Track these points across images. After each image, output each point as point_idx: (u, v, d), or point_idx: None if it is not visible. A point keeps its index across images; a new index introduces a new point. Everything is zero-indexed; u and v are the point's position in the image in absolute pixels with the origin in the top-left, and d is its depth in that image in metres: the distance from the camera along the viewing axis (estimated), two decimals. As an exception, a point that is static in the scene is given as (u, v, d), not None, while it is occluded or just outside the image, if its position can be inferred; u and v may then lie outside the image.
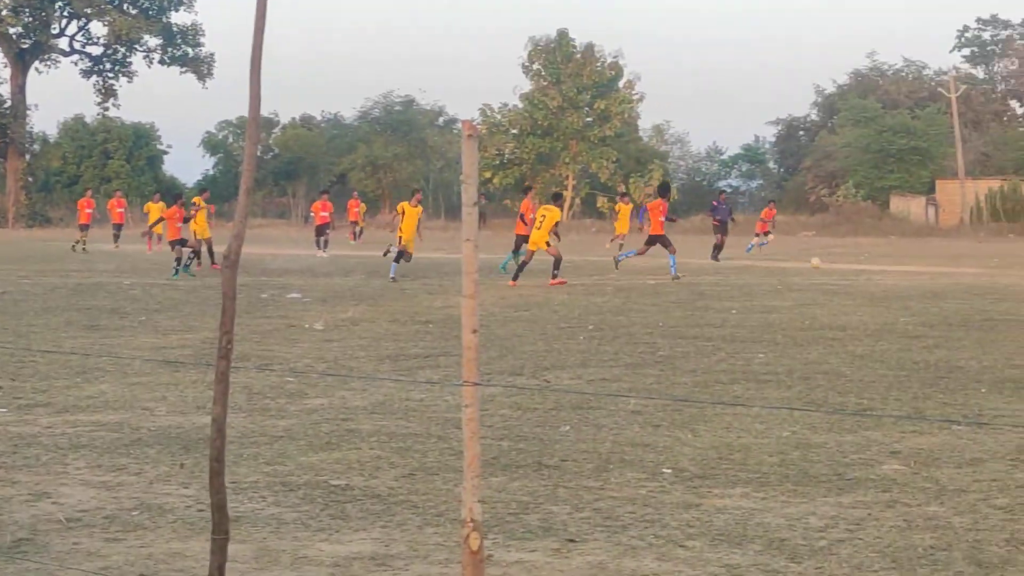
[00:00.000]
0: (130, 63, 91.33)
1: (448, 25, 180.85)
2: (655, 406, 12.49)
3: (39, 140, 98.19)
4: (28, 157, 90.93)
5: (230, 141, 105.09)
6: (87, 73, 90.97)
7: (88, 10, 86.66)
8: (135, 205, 69.38)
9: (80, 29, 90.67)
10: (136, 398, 12.88)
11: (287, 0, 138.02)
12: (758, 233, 51.81)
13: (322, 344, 17.91)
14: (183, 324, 20.63)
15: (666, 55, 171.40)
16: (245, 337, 17.83)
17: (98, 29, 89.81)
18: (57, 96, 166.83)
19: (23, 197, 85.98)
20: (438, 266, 34.43)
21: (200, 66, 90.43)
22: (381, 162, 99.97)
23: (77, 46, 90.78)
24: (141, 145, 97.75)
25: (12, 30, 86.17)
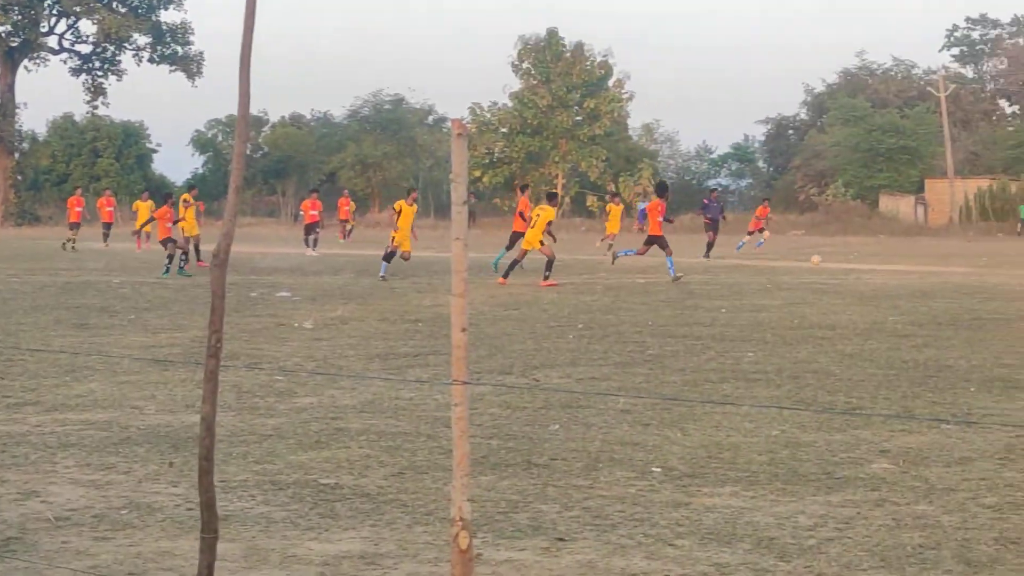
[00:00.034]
0: (119, 61, 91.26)
1: (438, 24, 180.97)
2: (644, 405, 12.49)
3: (28, 138, 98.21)
4: (17, 155, 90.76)
5: (219, 140, 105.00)
6: (76, 71, 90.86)
7: (77, 8, 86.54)
8: (124, 204, 69.31)
9: (69, 27, 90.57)
10: (125, 397, 12.87)
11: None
12: (751, 231, 51.60)
13: (311, 343, 17.90)
14: (172, 323, 20.61)
15: (656, 54, 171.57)
16: (234, 336, 17.82)
17: (87, 27, 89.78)
18: (46, 94, 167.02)
19: (12, 195, 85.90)
20: (427, 264, 34.42)
21: (189, 65, 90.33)
22: (371, 161, 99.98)
23: (66, 44, 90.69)
24: (130, 144, 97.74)
25: (1, 28, 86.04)
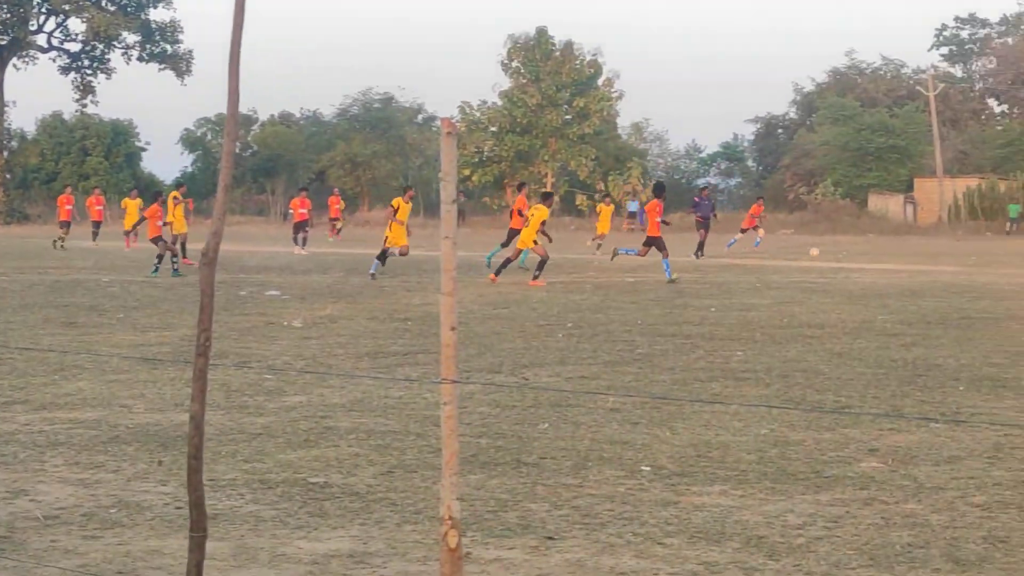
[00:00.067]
0: (108, 60, 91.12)
1: (427, 22, 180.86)
2: (634, 404, 12.49)
3: (17, 137, 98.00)
4: (6, 154, 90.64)
5: (209, 138, 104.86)
6: (65, 70, 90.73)
7: (66, 6, 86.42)
8: (113, 203, 69.21)
9: (58, 26, 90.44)
10: (114, 395, 12.85)
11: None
12: (744, 229, 51.44)
13: (300, 342, 17.89)
14: (161, 321, 20.59)
15: (645, 53, 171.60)
16: (223, 335, 17.80)
17: (76, 26, 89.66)
18: (35, 93, 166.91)
19: (1, 194, 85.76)
20: (417, 263, 34.41)
21: (179, 63, 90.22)
22: (360, 159, 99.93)
23: (55, 43, 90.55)
24: (119, 142, 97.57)
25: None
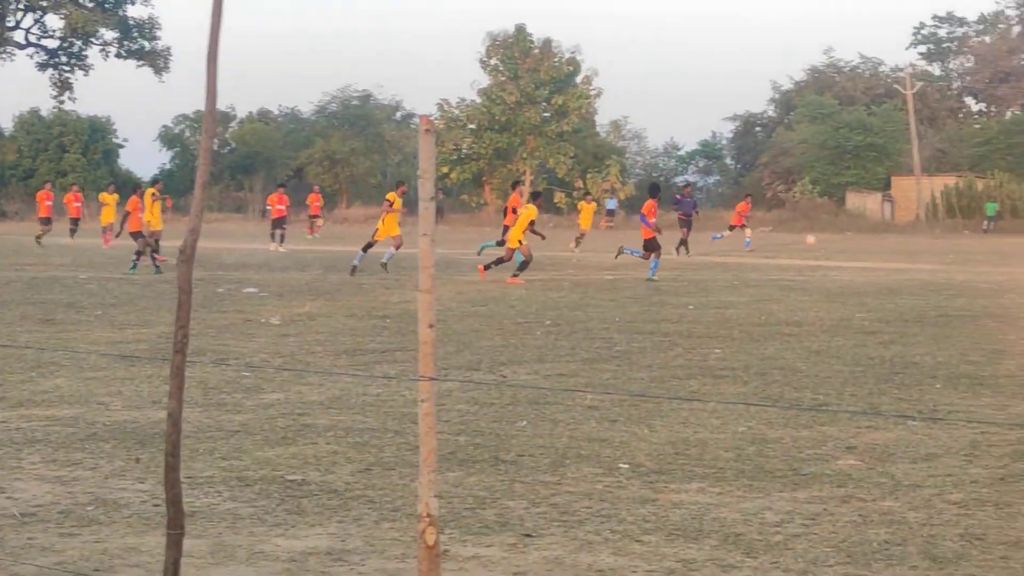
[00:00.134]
0: (86, 56, 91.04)
1: (406, 19, 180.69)
2: (612, 401, 12.50)
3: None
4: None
5: (187, 135, 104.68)
6: (43, 66, 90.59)
7: (44, 3, 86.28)
8: (91, 199, 69.07)
9: (36, 22, 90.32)
10: (91, 393, 12.82)
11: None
12: (732, 227, 51.50)
13: (278, 339, 17.86)
14: (139, 319, 20.53)
15: (624, 51, 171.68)
16: (201, 332, 17.77)
17: (54, 22, 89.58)
18: (12, 89, 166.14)
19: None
20: (395, 261, 34.33)
21: (157, 60, 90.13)
22: (338, 157, 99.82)
23: (33, 39, 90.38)
24: (97, 139, 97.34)
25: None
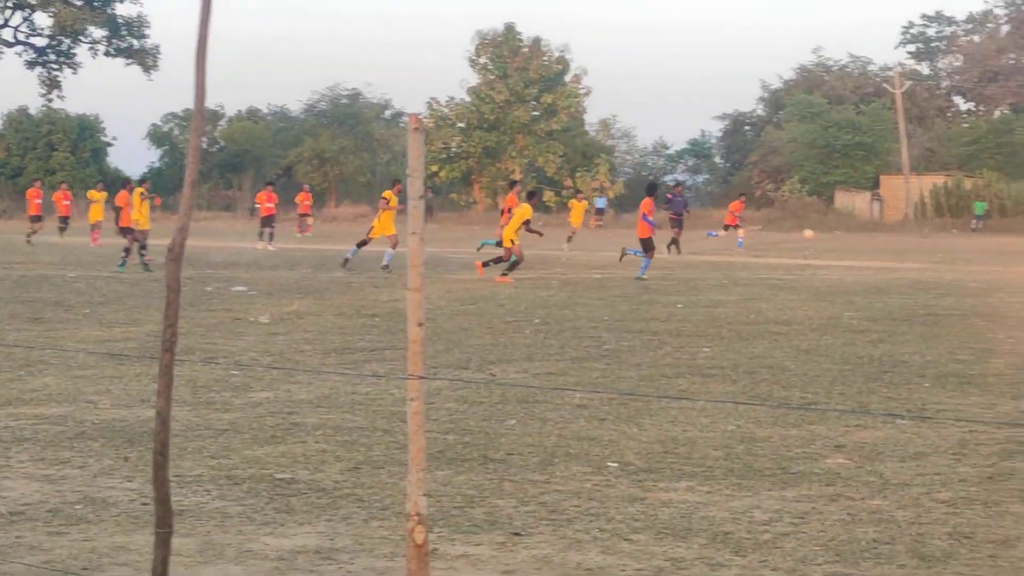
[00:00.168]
0: (75, 54, 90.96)
1: (395, 18, 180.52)
2: (601, 400, 12.51)
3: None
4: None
5: (176, 133, 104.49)
6: (31, 64, 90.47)
7: (33, 1, 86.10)
8: (80, 197, 68.98)
9: (24, 20, 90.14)
10: (80, 391, 12.80)
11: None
12: (727, 226, 51.54)
13: (267, 338, 17.85)
14: (128, 317, 20.50)
15: (613, 50, 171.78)
16: (190, 330, 17.75)
17: (43, 20, 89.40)
18: (0, 88, 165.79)
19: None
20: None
21: (145, 58, 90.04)
22: (327, 155, 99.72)
23: (21, 37, 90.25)
24: (85, 137, 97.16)
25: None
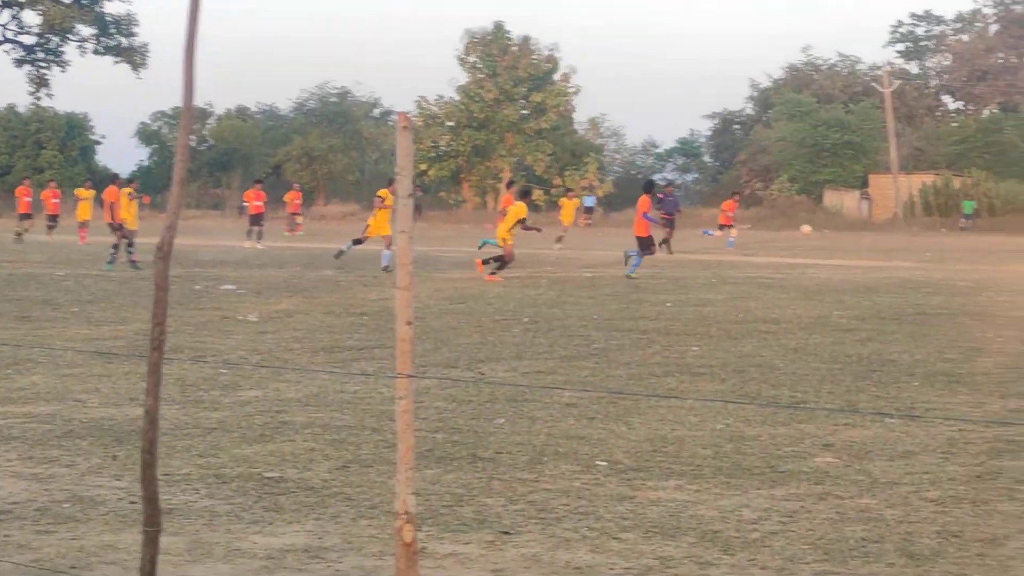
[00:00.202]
0: (63, 53, 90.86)
1: (384, 17, 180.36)
2: (590, 399, 12.51)
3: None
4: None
5: (164, 132, 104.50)
6: (20, 62, 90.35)
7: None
8: (68, 196, 68.93)
9: (13, 18, 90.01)
10: (68, 390, 12.78)
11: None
12: (722, 225, 51.61)
13: (256, 336, 17.83)
14: (116, 315, 20.48)
15: (602, 48, 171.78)
16: (179, 329, 17.73)
17: (31, 18, 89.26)
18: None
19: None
20: (373, 258, 34.29)
21: (134, 56, 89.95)
22: (316, 154, 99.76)
23: (10, 35, 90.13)
24: (74, 135, 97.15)
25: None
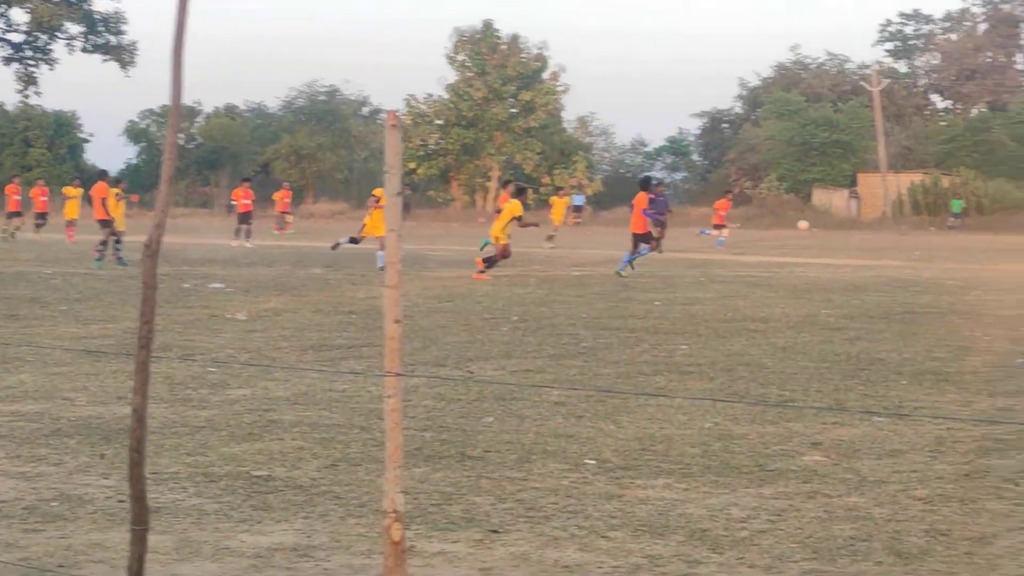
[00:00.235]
0: (51, 50, 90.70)
1: (373, 15, 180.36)
2: (578, 397, 12.51)
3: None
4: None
5: (153, 130, 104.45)
6: (8, 60, 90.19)
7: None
8: (57, 194, 68.83)
9: (0, 16, 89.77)
10: (56, 388, 12.76)
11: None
12: (716, 225, 51.64)
13: (245, 334, 17.82)
14: (104, 314, 20.46)
15: (591, 47, 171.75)
16: (167, 327, 17.71)
17: (19, 16, 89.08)
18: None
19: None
20: (362, 256, 34.30)
21: (122, 54, 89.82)
22: (305, 152, 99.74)
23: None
24: (62, 134, 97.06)
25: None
